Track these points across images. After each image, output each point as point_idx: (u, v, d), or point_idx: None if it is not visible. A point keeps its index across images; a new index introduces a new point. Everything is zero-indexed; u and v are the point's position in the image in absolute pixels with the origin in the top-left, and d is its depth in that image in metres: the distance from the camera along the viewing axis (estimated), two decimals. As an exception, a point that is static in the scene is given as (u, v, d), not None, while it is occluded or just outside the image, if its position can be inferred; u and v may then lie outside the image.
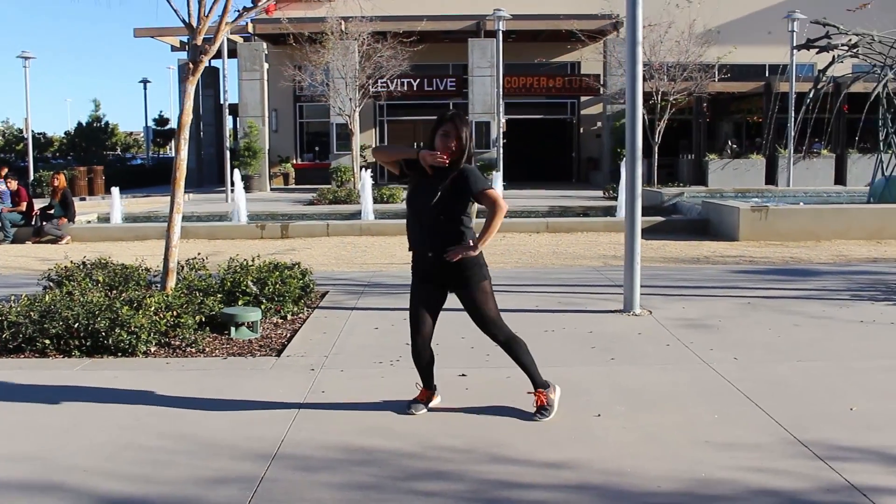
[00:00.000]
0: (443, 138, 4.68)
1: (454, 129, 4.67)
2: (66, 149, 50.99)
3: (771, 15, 31.62)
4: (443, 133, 4.69)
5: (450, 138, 4.67)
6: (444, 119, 4.75)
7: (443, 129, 4.70)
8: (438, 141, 4.69)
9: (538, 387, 5.03)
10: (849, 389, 5.40)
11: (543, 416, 4.92)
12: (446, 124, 4.70)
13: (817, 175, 28.35)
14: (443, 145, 4.67)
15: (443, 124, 4.72)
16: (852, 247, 13.28)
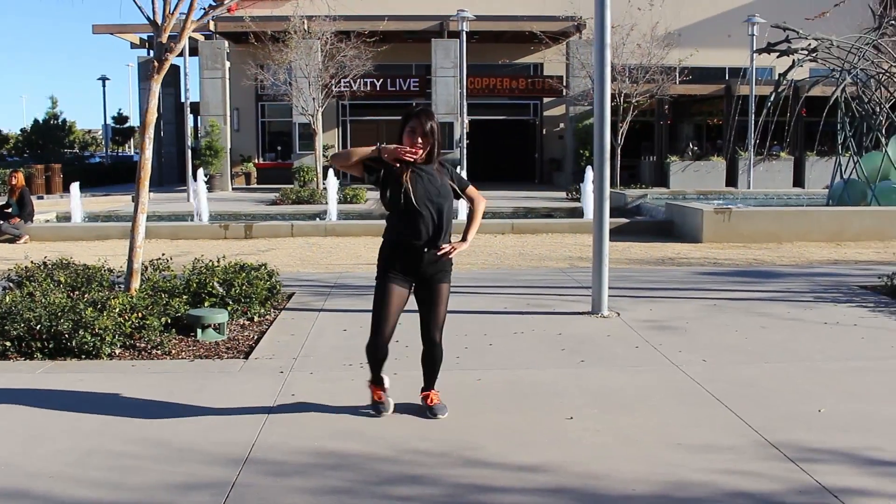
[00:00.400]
0: (409, 135, 4.70)
1: (419, 124, 4.69)
2: (21, 146, 50.22)
3: (731, 18, 32.00)
4: (409, 129, 4.71)
5: (416, 134, 4.69)
6: (410, 115, 4.78)
7: (409, 125, 4.72)
8: (406, 138, 4.72)
9: (433, 389, 5.08)
10: (816, 391, 5.45)
11: (446, 411, 4.98)
12: (412, 120, 4.73)
13: (776, 177, 28.75)
14: (410, 141, 4.70)
15: (409, 120, 4.74)
16: (813, 249, 13.46)
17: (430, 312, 4.86)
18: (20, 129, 54.47)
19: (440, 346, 4.95)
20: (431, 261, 4.76)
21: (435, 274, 4.82)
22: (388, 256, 4.81)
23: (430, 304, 4.86)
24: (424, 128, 4.69)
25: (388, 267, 4.80)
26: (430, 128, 4.70)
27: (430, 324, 4.87)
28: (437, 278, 4.83)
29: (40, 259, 8.44)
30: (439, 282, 4.84)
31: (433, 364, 5.02)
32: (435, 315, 4.86)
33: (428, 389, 5.09)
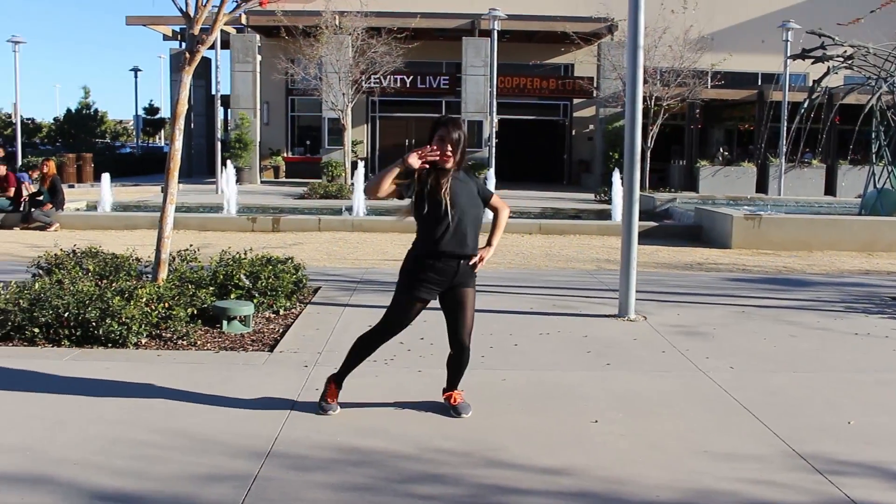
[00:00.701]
0: (439, 142, 4.71)
1: (448, 132, 4.71)
2: (54, 135, 50.72)
3: (765, 23, 31.72)
4: (438, 137, 4.72)
5: (445, 142, 4.70)
6: (439, 123, 4.80)
7: (438, 133, 4.74)
8: (435, 145, 4.71)
9: (455, 389, 5.07)
10: (846, 402, 5.37)
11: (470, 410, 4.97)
12: (441, 128, 4.75)
13: (807, 185, 28.45)
14: (440, 149, 4.70)
15: (438, 128, 4.76)
16: (844, 258, 13.29)
17: (459, 318, 4.84)
18: (53, 118, 55.02)
19: (469, 350, 4.93)
20: (463, 270, 4.76)
21: (464, 279, 4.80)
22: (419, 269, 4.75)
23: (457, 310, 4.83)
24: (452, 136, 4.70)
25: (416, 280, 4.74)
26: (458, 136, 4.72)
27: (459, 329, 4.84)
28: (463, 284, 4.81)
29: (69, 247, 8.50)
30: (465, 286, 4.83)
31: (460, 367, 5.01)
32: (464, 320, 4.84)
33: (451, 389, 5.08)
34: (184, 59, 7.78)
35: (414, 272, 4.77)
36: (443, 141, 4.70)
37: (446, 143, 4.69)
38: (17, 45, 31.05)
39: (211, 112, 29.60)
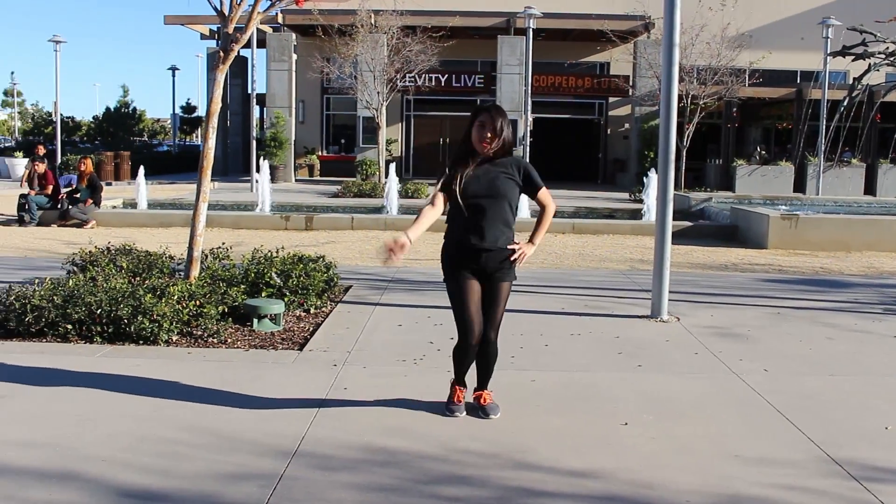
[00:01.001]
0: (479, 129, 4.64)
1: (490, 119, 4.62)
2: (93, 133, 51.36)
3: (805, 20, 31.27)
4: (479, 123, 4.65)
5: (485, 128, 4.62)
6: (480, 109, 4.72)
7: (479, 119, 4.66)
8: (475, 132, 4.66)
9: (486, 389, 5.00)
10: (883, 407, 5.26)
11: (499, 411, 4.92)
12: (483, 114, 4.66)
13: (846, 184, 28.01)
14: (479, 136, 4.64)
15: (480, 114, 4.68)
16: (884, 259, 13.05)
17: (488, 310, 4.77)
18: (93, 116, 55.74)
19: (495, 344, 4.86)
20: (492, 259, 4.69)
21: (496, 272, 4.73)
22: (451, 255, 4.77)
23: (489, 302, 4.77)
24: (495, 124, 4.61)
25: (453, 265, 4.75)
26: (500, 124, 4.61)
27: (486, 321, 4.77)
28: (498, 276, 4.75)
29: (104, 244, 8.58)
30: (500, 280, 4.76)
31: (487, 363, 4.93)
32: (493, 313, 4.78)
33: (481, 389, 5.02)
34: (217, 58, 7.80)
35: (445, 261, 4.82)
36: (483, 127, 4.62)
37: (486, 130, 4.61)
38: (58, 45, 31.45)
39: (247, 110, 29.78)
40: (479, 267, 4.71)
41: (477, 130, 4.65)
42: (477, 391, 5.03)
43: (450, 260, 4.78)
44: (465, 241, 4.69)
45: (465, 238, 4.69)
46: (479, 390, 5.02)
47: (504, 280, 4.77)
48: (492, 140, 4.62)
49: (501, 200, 4.68)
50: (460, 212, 4.67)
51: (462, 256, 4.72)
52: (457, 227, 4.73)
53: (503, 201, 4.69)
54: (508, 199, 4.71)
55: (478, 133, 4.64)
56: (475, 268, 4.72)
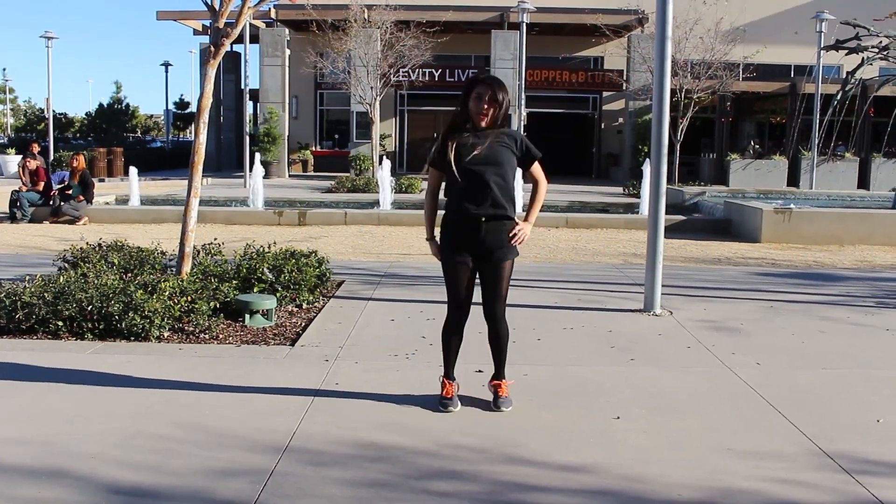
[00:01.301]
0: (476, 101, 4.58)
1: (489, 90, 4.55)
2: (86, 129, 51.27)
3: (798, 15, 31.31)
4: (476, 95, 4.59)
5: (483, 100, 4.56)
6: (477, 81, 4.65)
7: (477, 90, 4.59)
8: (472, 103, 4.59)
9: (503, 378, 4.99)
10: (876, 400, 5.25)
11: (511, 405, 4.90)
12: (480, 86, 4.59)
13: (840, 178, 28.05)
14: (476, 108, 4.58)
15: (477, 86, 4.61)
16: (877, 252, 13.07)
17: (492, 289, 4.78)
18: (85, 112, 55.57)
19: (504, 321, 4.85)
20: (492, 231, 4.66)
21: (497, 250, 4.71)
22: (451, 230, 4.75)
23: (491, 281, 4.78)
24: (495, 95, 4.56)
25: (451, 243, 4.75)
26: (501, 98, 4.57)
27: (491, 299, 4.79)
28: (499, 255, 4.73)
29: (96, 240, 8.54)
30: (502, 259, 4.75)
31: (499, 343, 4.91)
32: (497, 288, 4.77)
33: (498, 378, 4.99)
34: (209, 53, 7.77)
35: (445, 235, 4.79)
36: (480, 98, 4.56)
37: (483, 101, 4.55)
38: (50, 41, 31.34)
39: (240, 106, 29.76)
40: (479, 242, 4.68)
41: (474, 102, 4.58)
42: (493, 380, 5.01)
43: (449, 235, 4.76)
44: (464, 209, 4.65)
45: (462, 207, 4.66)
46: (495, 379, 5.00)
47: (506, 259, 4.75)
48: (488, 111, 4.57)
49: (498, 168, 4.62)
50: (456, 182, 4.63)
51: (462, 230, 4.69)
52: (454, 197, 4.69)
53: (500, 168, 4.63)
54: (505, 166, 4.65)
55: (475, 104, 4.58)
56: (475, 244, 4.69)
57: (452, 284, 4.79)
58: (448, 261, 4.78)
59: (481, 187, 4.61)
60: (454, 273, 4.76)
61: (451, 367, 4.99)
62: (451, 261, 4.76)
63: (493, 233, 4.68)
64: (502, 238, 4.71)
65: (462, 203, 4.65)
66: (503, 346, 4.95)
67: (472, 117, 4.63)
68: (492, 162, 4.60)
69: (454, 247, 4.75)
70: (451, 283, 4.79)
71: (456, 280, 4.76)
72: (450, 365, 4.99)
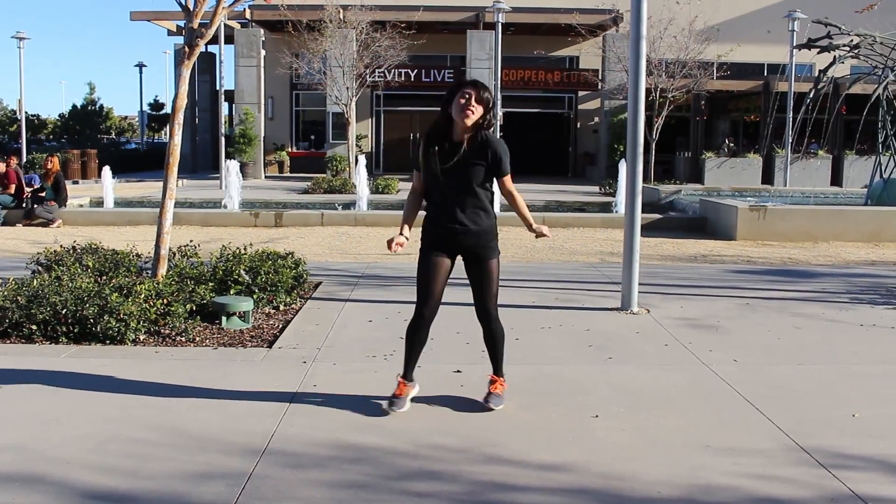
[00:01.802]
0: (462, 100, 4.57)
1: (475, 90, 4.57)
2: (59, 131, 50.82)
3: (771, 14, 31.56)
4: (462, 95, 4.58)
5: (470, 101, 4.56)
6: (463, 83, 4.67)
7: (465, 90, 4.59)
8: (456, 103, 4.59)
9: (501, 375, 5.02)
10: (851, 395, 5.30)
11: (500, 404, 4.90)
12: (468, 87, 4.61)
13: (813, 176, 28.30)
14: (460, 107, 4.57)
15: (464, 86, 4.62)
16: (850, 249, 13.20)
17: (481, 288, 4.83)
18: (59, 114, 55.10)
19: (497, 320, 4.90)
20: (471, 237, 4.73)
21: (481, 249, 4.77)
22: (429, 234, 4.80)
23: (479, 281, 4.83)
24: (481, 94, 4.57)
25: (430, 243, 4.80)
26: (487, 97, 4.59)
27: (482, 299, 4.83)
28: (483, 255, 4.79)
29: (70, 243, 8.46)
30: (487, 258, 4.80)
31: (494, 341, 4.95)
32: (487, 290, 4.83)
33: (495, 373, 5.02)
34: (183, 54, 7.72)
35: (423, 238, 4.84)
36: (467, 98, 4.55)
37: (470, 101, 4.55)
38: (22, 42, 31.02)
39: (215, 107, 29.59)
40: (456, 245, 4.76)
41: (459, 102, 4.57)
42: (492, 375, 5.04)
43: (426, 239, 4.82)
44: (442, 224, 4.73)
45: (441, 221, 4.74)
46: (494, 374, 5.04)
47: (491, 258, 4.82)
48: (475, 110, 4.56)
49: (471, 184, 4.67)
50: (437, 193, 4.70)
51: (439, 237, 4.76)
52: (433, 208, 4.78)
53: (473, 184, 4.68)
54: (476, 182, 4.69)
55: (460, 105, 4.56)
56: (452, 247, 4.77)
57: (425, 279, 4.78)
58: (425, 257, 4.81)
59: (457, 203, 4.69)
60: (428, 268, 4.78)
61: (410, 367, 4.94)
62: (427, 257, 4.80)
63: (470, 238, 4.74)
64: (482, 239, 4.76)
65: (440, 217, 4.74)
66: (499, 346, 4.98)
67: (455, 116, 4.61)
68: (466, 178, 4.66)
69: (432, 245, 4.79)
70: (424, 278, 4.79)
71: (429, 275, 4.77)
72: (410, 366, 4.93)
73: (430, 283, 4.77)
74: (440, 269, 4.78)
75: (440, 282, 4.79)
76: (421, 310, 4.81)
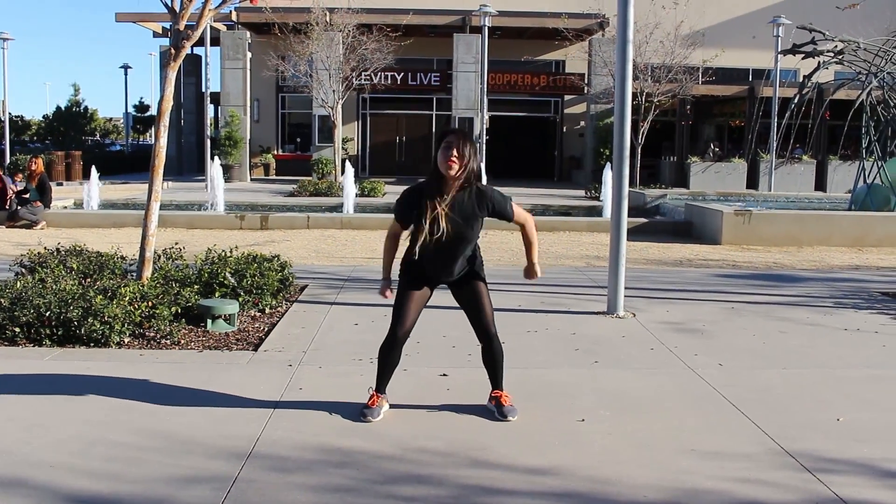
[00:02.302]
0: (445, 150, 4.57)
1: (455, 140, 4.55)
2: (43, 133, 50.45)
3: (756, 19, 31.71)
4: (446, 144, 4.58)
5: (451, 148, 4.54)
6: (447, 132, 4.68)
7: (447, 139, 4.60)
8: (440, 153, 4.58)
9: (502, 389, 5.00)
10: (835, 399, 5.33)
11: (516, 414, 4.88)
12: (450, 136, 4.61)
13: (798, 181, 28.43)
14: (443, 157, 4.55)
15: (446, 136, 4.63)
16: (834, 253, 13.27)
17: (477, 311, 4.86)
18: (43, 115, 54.77)
19: (497, 340, 4.91)
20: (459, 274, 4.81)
21: (465, 274, 4.83)
22: (413, 271, 4.80)
23: (472, 304, 4.86)
24: (461, 145, 4.54)
25: (413, 277, 4.80)
26: (469, 149, 4.56)
27: (480, 321, 4.87)
28: (469, 278, 4.85)
29: (54, 245, 8.41)
30: (474, 279, 4.87)
31: (494, 360, 4.95)
32: (483, 312, 4.86)
33: (496, 389, 4.99)
34: (169, 56, 7.69)
35: (403, 270, 4.85)
36: (449, 147, 4.54)
37: (452, 149, 4.53)
38: (5, 42, 30.86)
39: (201, 109, 29.44)
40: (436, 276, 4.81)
41: (442, 152, 4.56)
42: (494, 391, 5.00)
43: (411, 273, 4.80)
44: (429, 271, 4.77)
45: (428, 268, 4.76)
46: (494, 389, 5.00)
47: (477, 279, 4.88)
48: (456, 160, 4.52)
49: (464, 243, 4.70)
50: (427, 244, 4.62)
51: (426, 277, 4.80)
52: (419, 255, 4.68)
53: (465, 243, 4.72)
54: (471, 240, 4.75)
55: (443, 154, 4.54)
56: (437, 283, 4.85)
57: (402, 306, 4.77)
58: (405, 288, 4.79)
59: (449, 257, 4.71)
60: (407, 298, 4.77)
61: (384, 383, 4.93)
62: (408, 289, 4.79)
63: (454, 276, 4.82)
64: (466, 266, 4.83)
65: (428, 266, 4.75)
66: (499, 363, 4.97)
67: (440, 167, 4.56)
68: (460, 238, 4.65)
69: (416, 279, 4.79)
70: (401, 305, 4.78)
71: (408, 304, 4.77)
72: (383, 381, 4.93)
73: (407, 311, 4.78)
74: (420, 300, 4.82)
75: (417, 310, 4.82)
76: (395, 331, 4.78)
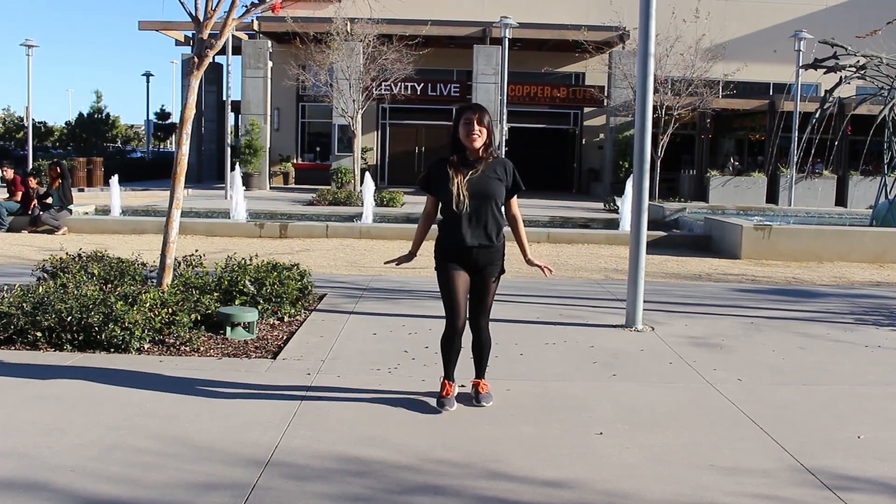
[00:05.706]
0: (465, 126, 4.93)
1: (475, 114, 4.94)
2: (66, 139, 50.88)
3: (777, 33, 31.63)
4: (465, 120, 4.94)
5: (472, 125, 4.91)
6: (465, 108, 5.04)
7: (465, 116, 4.95)
8: (462, 129, 4.95)
9: (483, 378, 5.34)
10: (856, 416, 5.29)
11: (490, 401, 5.24)
12: (468, 112, 4.97)
13: (818, 196, 28.26)
14: (466, 132, 4.93)
15: (465, 112, 4.98)
16: (855, 269, 13.18)
17: (478, 302, 5.13)
18: (65, 121, 55.26)
19: (487, 332, 5.22)
20: (483, 255, 5.03)
21: (486, 266, 5.07)
22: (444, 251, 5.06)
23: (478, 294, 5.12)
24: (481, 118, 4.92)
25: (445, 259, 5.05)
26: (488, 120, 4.95)
27: (477, 313, 5.16)
28: (488, 271, 5.09)
29: (76, 251, 8.47)
30: (490, 275, 5.10)
31: (480, 350, 5.27)
32: (483, 305, 5.15)
33: (478, 377, 5.33)
34: (192, 64, 7.74)
35: (437, 255, 5.11)
36: (469, 123, 4.92)
37: (473, 125, 4.91)
38: (30, 49, 31.17)
39: (222, 117, 29.63)
40: (470, 261, 5.03)
41: (464, 127, 4.93)
42: (474, 379, 5.34)
43: (442, 255, 5.08)
44: (459, 240, 4.99)
45: (458, 237, 4.99)
46: (477, 378, 5.34)
47: (493, 275, 5.11)
48: (480, 133, 4.91)
49: (491, 200, 4.98)
50: (452, 212, 4.95)
51: (455, 252, 5.03)
52: (449, 226, 5.02)
53: (493, 201, 4.99)
54: (498, 200, 5.02)
55: (465, 129, 4.92)
56: (466, 262, 5.04)
57: (450, 294, 5.04)
58: (443, 272, 5.06)
59: (476, 219, 4.97)
60: (451, 283, 5.03)
61: (451, 369, 5.24)
62: (446, 271, 5.05)
63: (484, 254, 5.03)
64: (492, 256, 5.06)
65: (458, 234, 4.98)
66: (485, 354, 5.31)
67: (463, 141, 4.96)
68: (487, 195, 4.96)
69: (450, 260, 5.04)
70: (449, 293, 5.04)
71: (454, 289, 5.02)
72: (450, 368, 5.23)
73: (456, 298, 5.02)
74: (462, 282, 5.04)
75: (464, 294, 5.06)
76: (453, 325, 5.06)
